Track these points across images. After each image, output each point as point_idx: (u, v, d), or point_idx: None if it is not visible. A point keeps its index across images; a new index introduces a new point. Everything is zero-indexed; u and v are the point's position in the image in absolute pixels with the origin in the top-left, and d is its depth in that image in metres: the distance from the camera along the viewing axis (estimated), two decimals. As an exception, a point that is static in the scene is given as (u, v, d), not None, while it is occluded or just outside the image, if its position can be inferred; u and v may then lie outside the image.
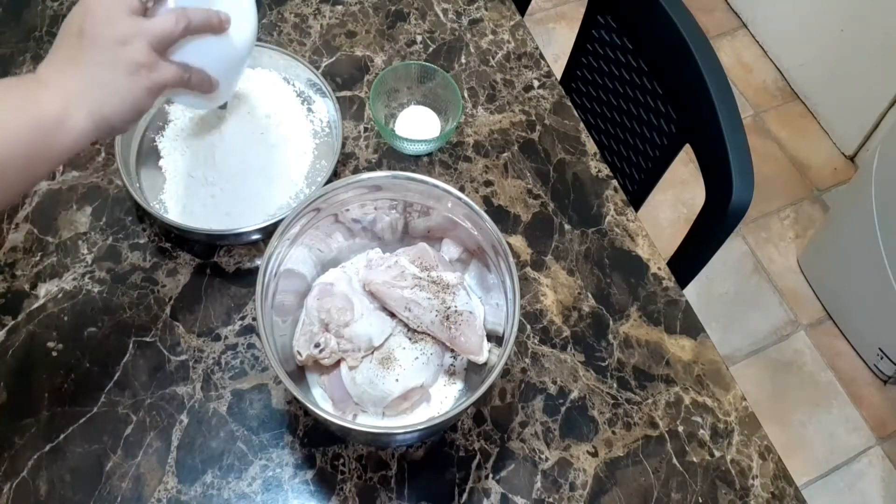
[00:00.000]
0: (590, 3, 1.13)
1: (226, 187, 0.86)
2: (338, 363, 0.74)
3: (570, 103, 1.02)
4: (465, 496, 0.75)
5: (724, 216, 0.90)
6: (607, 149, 1.20)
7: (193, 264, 0.85)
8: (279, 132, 0.90)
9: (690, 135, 0.99)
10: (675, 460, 0.79)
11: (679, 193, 1.96)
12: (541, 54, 1.06)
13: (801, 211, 2.00)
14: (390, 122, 0.97)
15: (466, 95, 1.01)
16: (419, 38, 1.06)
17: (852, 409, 1.73)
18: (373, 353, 0.74)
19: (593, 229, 0.93)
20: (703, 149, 0.97)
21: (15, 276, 0.83)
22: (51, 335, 0.80)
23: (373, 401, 0.73)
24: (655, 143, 1.08)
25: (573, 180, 0.96)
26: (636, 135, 1.12)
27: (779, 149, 2.09)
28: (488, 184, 0.95)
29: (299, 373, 0.76)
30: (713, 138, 0.91)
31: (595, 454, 0.79)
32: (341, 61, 1.02)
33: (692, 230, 0.99)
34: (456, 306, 0.73)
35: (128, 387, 0.78)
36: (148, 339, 0.81)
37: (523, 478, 0.77)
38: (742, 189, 0.88)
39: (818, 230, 1.88)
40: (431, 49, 1.05)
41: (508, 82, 1.03)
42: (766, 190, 1.99)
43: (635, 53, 1.07)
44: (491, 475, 0.77)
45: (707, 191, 0.95)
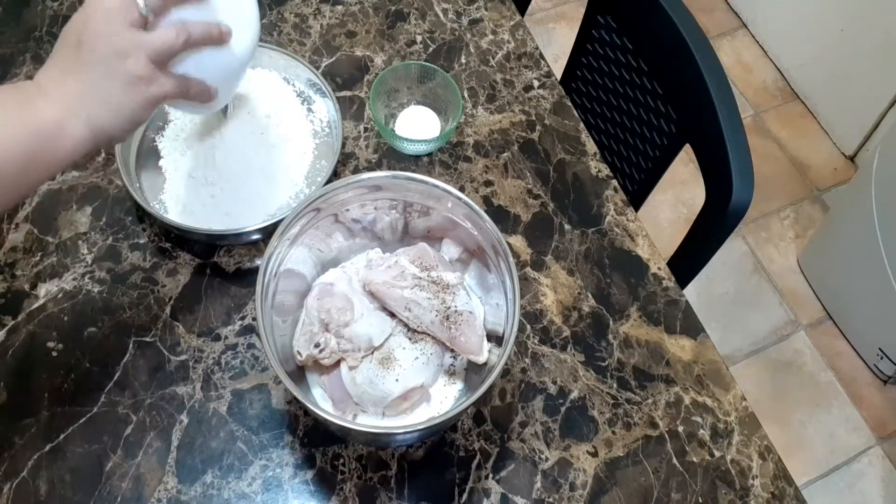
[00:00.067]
0: (590, 3, 1.13)
1: (226, 187, 0.86)
2: (338, 363, 0.74)
3: (569, 103, 1.02)
4: (465, 496, 0.75)
5: (724, 216, 0.90)
6: (607, 149, 1.20)
7: (193, 264, 0.85)
8: (279, 132, 0.90)
9: (690, 135, 0.99)
10: (675, 460, 0.79)
11: (679, 193, 1.96)
12: (541, 54, 1.06)
13: (801, 211, 2.00)
14: (390, 122, 0.97)
15: (466, 95, 1.01)
16: (419, 38, 1.06)
17: (852, 409, 1.73)
18: (373, 353, 0.74)
19: (593, 229, 0.93)
20: (703, 149, 0.97)
21: (15, 276, 0.83)
22: (51, 335, 0.80)
23: (373, 401, 0.73)
24: (655, 143, 1.08)
25: (573, 180, 0.96)
26: (636, 135, 1.12)
27: (779, 149, 2.09)
28: (488, 184, 0.95)
29: (299, 373, 0.76)
30: (713, 138, 0.91)
31: (595, 454, 0.79)
32: (341, 61, 1.02)
33: (692, 230, 0.99)
34: (456, 306, 0.73)
35: (128, 387, 0.78)
36: (148, 339, 0.81)
37: (523, 478, 0.77)
38: (742, 189, 0.88)
39: (818, 230, 1.88)
40: (431, 49, 1.05)
41: (508, 82, 1.03)
42: (766, 190, 1.99)
43: (635, 53, 1.07)
44: (491, 475, 0.77)
45: (707, 191, 0.95)
